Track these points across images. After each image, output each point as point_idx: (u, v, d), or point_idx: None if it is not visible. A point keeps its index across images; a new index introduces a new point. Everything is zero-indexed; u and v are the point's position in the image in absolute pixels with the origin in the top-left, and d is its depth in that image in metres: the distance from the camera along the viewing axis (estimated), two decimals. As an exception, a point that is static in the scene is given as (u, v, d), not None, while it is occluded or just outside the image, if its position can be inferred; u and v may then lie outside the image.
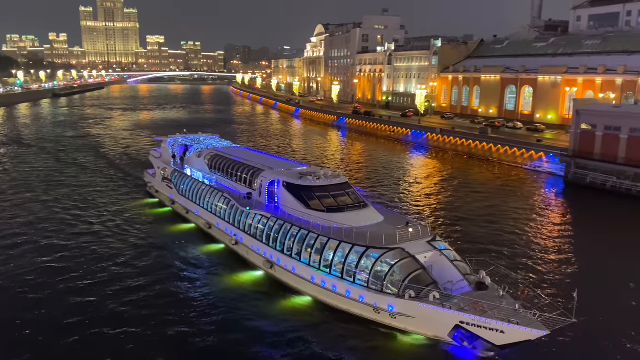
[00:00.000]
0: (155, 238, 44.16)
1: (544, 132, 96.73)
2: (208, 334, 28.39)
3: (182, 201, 48.75)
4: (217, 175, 45.03)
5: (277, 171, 38.78)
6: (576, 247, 43.65)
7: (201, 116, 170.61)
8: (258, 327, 29.14)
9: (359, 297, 28.71)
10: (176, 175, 50.99)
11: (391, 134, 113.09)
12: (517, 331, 23.72)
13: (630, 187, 61.45)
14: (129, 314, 30.48)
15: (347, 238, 30.36)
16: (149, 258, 39.51)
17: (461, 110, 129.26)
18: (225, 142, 55.82)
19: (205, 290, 34.08)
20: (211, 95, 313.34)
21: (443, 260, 29.41)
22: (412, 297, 26.57)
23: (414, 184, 68.08)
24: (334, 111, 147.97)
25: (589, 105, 71.45)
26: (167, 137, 57.75)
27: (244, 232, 38.03)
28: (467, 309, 25.20)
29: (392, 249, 28.87)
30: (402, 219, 34.29)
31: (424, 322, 26.80)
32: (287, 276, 33.55)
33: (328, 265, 30.58)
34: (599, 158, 66.11)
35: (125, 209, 52.91)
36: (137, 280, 35.41)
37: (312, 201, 34.33)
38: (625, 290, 34.45)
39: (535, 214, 53.54)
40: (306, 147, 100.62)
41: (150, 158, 60.36)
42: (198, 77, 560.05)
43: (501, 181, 70.03)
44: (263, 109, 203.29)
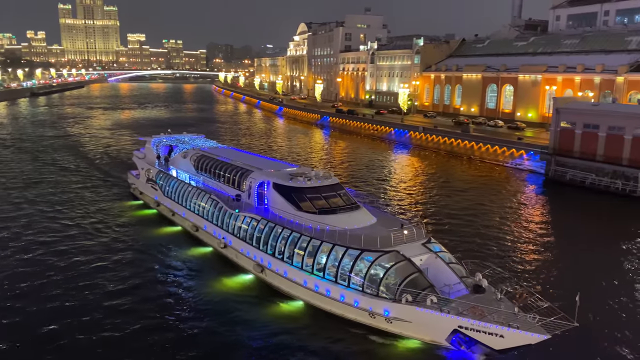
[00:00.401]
0: (139, 241, 43.10)
1: (525, 130, 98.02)
2: (196, 341, 27.67)
3: (168, 203, 47.69)
4: (203, 177, 44.07)
5: (266, 172, 37.88)
6: (562, 244, 44.28)
7: (183, 115, 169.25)
8: (249, 333, 28.44)
9: (354, 301, 28.01)
10: (161, 176, 49.86)
11: (374, 132, 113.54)
12: (517, 335, 23.37)
13: (609, 184, 62.62)
14: (111, 321, 29.52)
15: (340, 241, 29.64)
16: (133, 262, 38.42)
17: (443, 109, 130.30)
18: (211, 142, 54.83)
19: (192, 294, 33.23)
20: (193, 94, 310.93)
21: (438, 263, 28.89)
22: (408, 302, 25.99)
23: (398, 182, 68.46)
24: (318, 110, 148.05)
25: (568, 103, 72.59)
26: (151, 137, 56.51)
27: (233, 235, 37.09)
28: (465, 313, 24.71)
29: (387, 252, 28.23)
30: (395, 221, 33.77)
31: (421, 326, 26.24)
32: (278, 280, 32.75)
33: (321, 268, 29.84)
34: (579, 155, 67.24)
35: (107, 211, 51.62)
36: (120, 285, 34.39)
37: (303, 203, 33.52)
38: (613, 287, 35.10)
39: (518, 212, 54.26)
40: (290, 146, 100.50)
41: (133, 159, 58.97)
42: (180, 76, 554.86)
43: (483, 179, 70.80)
44: (246, 108, 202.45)
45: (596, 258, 40.49)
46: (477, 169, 78.26)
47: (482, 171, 76.35)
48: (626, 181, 61.19)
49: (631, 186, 60.46)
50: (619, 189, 61.35)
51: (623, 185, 61.20)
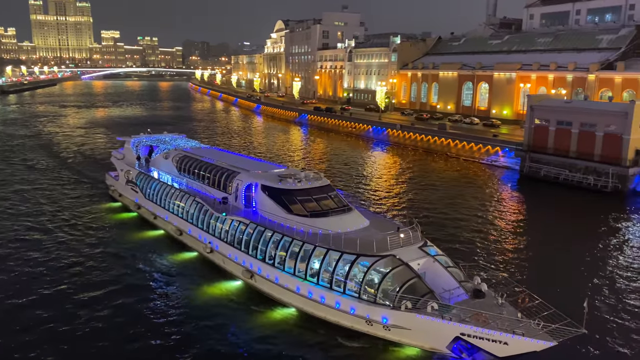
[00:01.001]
0: (120, 245, 41.53)
1: (500, 127, 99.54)
2: (182, 349, 26.55)
3: (149, 206, 46.01)
4: (187, 178, 42.59)
5: (253, 174, 36.48)
6: (542, 242, 44.67)
7: (160, 113, 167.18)
8: (239, 340, 27.50)
9: (350, 308, 26.95)
10: (142, 177, 48.16)
11: (352, 130, 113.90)
12: (522, 342, 22.63)
13: (581, 179, 64.03)
14: (91, 330, 28.30)
15: (334, 245, 28.50)
16: (113, 267, 36.98)
17: (420, 107, 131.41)
18: (194, 142, 53.18)
19: (177, 301, 31.97)
20: (170, 91, 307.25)
21: (436, 267, 28.00)
22: (408, 309, 25.06)
23: (376, 180, 68.85)
24: (296, 107, 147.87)
25: (542, 101, 73.92)
26: (130, 137, 54.74)
27: (219, 239, 35.73)
28: (468, 320, 23.84)
29: (384, 257, 27.25)
30: (388, 223, 32.96)
31: (421, 334, 25.35)
32: (269, 286, 31.49)
33: (315, 274, 28.69)
34: (552, 152, 68.57)
35: (85, 214, 49.77)
36: (98, 292, 32.97)
37: (293, 205, 32.29)
38: (605, 285, 35.89)
39: (495, 209, 55.10)
40: (269, 145, 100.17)
41: (112, 159, 56.96)
42: (156, 74, 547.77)
43: (460, 176, 71.70)
44: (223, 106, 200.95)
45: (578, 255, 41.01)
46: (453, 166, 79.18)
47: (459, 168, 77.29)
48: (598, 177, 62.64)
49: (602, 182, 61.93)
50: (591, 185, 62.80)
51: (595, 180, 62.65)
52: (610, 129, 63.08)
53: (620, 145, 61.84)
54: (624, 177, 60.87)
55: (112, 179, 55.25)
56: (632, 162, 61.17)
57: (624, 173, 60.92)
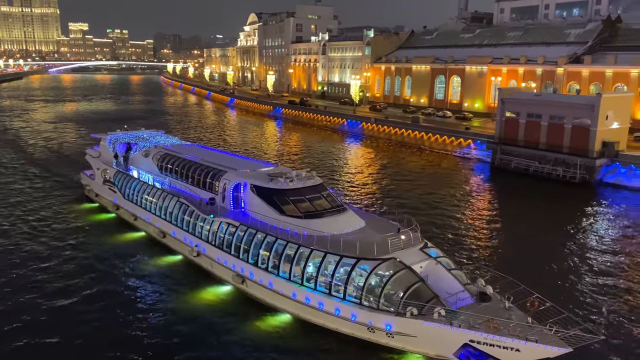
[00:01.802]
0: (98, 248, 39.55)
1: (472, 120, 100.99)
2: (170, 357, 25.35)
3: (129, 207, 43.92)
4: (169, 178, 40.63)
5: (242, 173, 34.72)
6: (523, 235, 44.70)
7: (131, 107, 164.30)
8: (231, 349, 26.13)
9: (351, 315, 25.74)
10: (120, 177, 45.98)
11: (327, 123, 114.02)
12: (535, 349, 21.75)
13: (551, 171, 65.56)
14: (66, 340, 26.57)
15: (332, 248, 27.09)
16: (92, 272, 35.12)
17: (394, 100, 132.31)
18: (174, 139, 50.85)
19: (162, 307, 30.40)
20: (141, 85, 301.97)
21: (439, 270, 26.87)
22: (414, 315, 23.93)
23: (351, 173, 69.17)
24: (270, 101, 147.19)
25: (512, 94, 75.28)
26: (107, 134, 52.20)
27: (207, 242, 33.99)
28: (478, 327, 22.83)
29: (385, 260, 26.06)
30: (385, 223, 31.68)
31: (428, 341, 24.30)
32: (262, 292, 29.97)
33: (312, 279, 27.33)
34: (523, 144, 69.97)
35: (58, 215, 47.39)
36: (76, 299, 31.19)
37: (286, 206, 30.78)
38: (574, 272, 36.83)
39: (469, 202, 56.01)
40: (244, 139, 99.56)
41: (87, 158, 53.90)
42: (126, 67, 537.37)
43: (433, 169, 72.60)
44: (196, 99, 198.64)
45: (556, 248, 41.62)
46: (427, 158, 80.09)
47: (432, 161, 78.23)
48: (566, 168, 64.22)
49: (571, 173, 63.51)
50: (560, 176, 64.35)
51: (564, 172, 64.20)
52: (578, 121, 64.69)
53: (587, 137, 63.48)
54: (592, 168, 62.55)
55: (88, 178, 52.75)
56: (598, 153, 62.89)
57: (591, 164, 62.58)
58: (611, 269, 36.96)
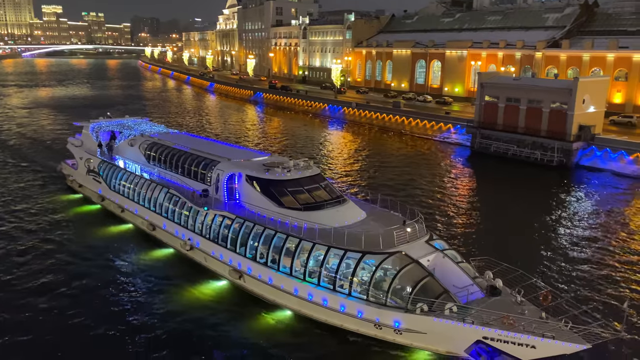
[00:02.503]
0: (84, 241, 37.97)
1: (452, 104, 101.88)
2: (165, 354, 24.39)
3: (116, 198, 42.34)
4: (158, 168, 39.07)
5: (236, 163, 33.36)
6: (509, 220, 45.61)
7: (109, 93, 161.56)
8: (229, 347, 25.24)
9: (357, 312, 24.83)
10: (105, 167, 44.26)
11: (309, 108, 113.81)
12: (552, 346, 21.14)
13: (529, 154, 66.69)
14: (52, 338, 25.41)
15: (336, 242, 26.00)
16: (77, 266, 33.69)
17: (375, 85, 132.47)
18: (160, 127, 48.94)
19: (154, 303, 29.12)
20: (118, 70, 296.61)
21: (447, 263, 26.11)
22: (424, 312, 23.15)
23: (334, 158, 69.41)
24: (251, 86, 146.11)
25: (492, 78, 75.99)
26: (89, 122, 50.11)
27: (201, 235, 32.77)
28: (492, 323, 22.08)
29: (392, 254, 25.15)
30: (387, 214, 30.63)
31: (438, 338, 23.55)
32: (261, 288, 28.82)
33: (315, 274, 26.29)
34: (502, 128, 70.92)
35: (40, 207, 45.54)
36: (60, 294, 29.77)
37: (284, 198, 29.64)
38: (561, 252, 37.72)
39: (451, 186, 56.72)
40: (225, 124, 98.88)
41: (68, 146, 51.63)
42: (103, 51, 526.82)
43: (414, 153, 73.24)
44: (175, 84, 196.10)
45: (543, 232, 43.12)
46: (408, 143, 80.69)
47: (413, 145, 78.86)
48: (544, 152, 65.39)
49: (548, 156, 64.71)
50: (537, 159, 65.52)
51: (541, 155, 65.38)
52: (556, 105, 65.76)
53: (565, 121, 64.61)
54: (569, 151, 63.78)
55: (70, 168, 50.77)
56: (575, 137, 64.13)
57: (568, 148, 63.80)
58: (596, 253, 38.02)
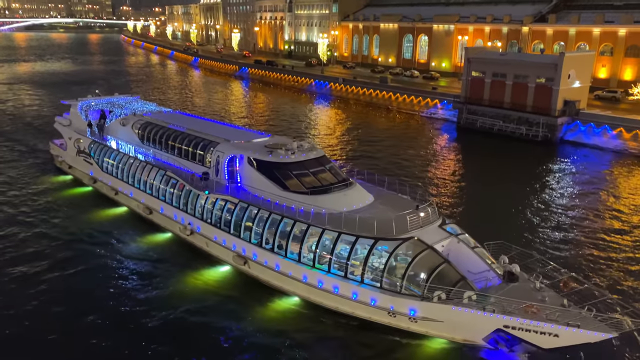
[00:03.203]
0: (76, 225, 36.63)
1: (439, 80, 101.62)
2: (163, 345, 23.50)
3: (109, 180, 40.92)
4: (153, 149, 37.66)
5: (236, 144, 32.16)
6: (501, 195, 46.03)
7: (91, 68, 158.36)
8: (233, 334, 24.53)
9: (370, 299, 24.20)
10: (96, 148, 42.61)
11: (295, 84, 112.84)
12: (576, 335, 20.54)
13: (514, 129, 67.10)
14: (41, 329, 24.31)
15: (347, 228, 25.14)
16: (71, 251, 32.65)
17: (362, 60, 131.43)
18: (152, 105, 47.34)
19: (153, 289, 28.27)
20: (100, 44, 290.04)
21: (462, 248, 25.37)
22: (442, 300, 22.58)
23: (322, 135, 69.23)
24: (236, 61, 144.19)
25: (478, 53, 75.79)
26: (77, 100, 48.51)
27: (202, 220, 31.68)
28: (514, 312, 21.53)
29: (405, 240, 24.41)
30: (395, 197, 29.63)
31: (455, 326, 22.98)
32: (267, 274, 28.07)
33: (325, 261, 25.56)
34: (488, 104, 71.10)
35: (28, 189, 44.03)
36: (52, 281, 28.71)
37: (289, 181, 28.64)
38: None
39: (436, 162, 57.03)
40: (210, 100, 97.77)
41: (56, 126, 49.55)
42: (84, 25, 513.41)
43: (401, 129, 73.31)
44: (159, 59, 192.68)
45: (529, 205, 43.77)
46: (395, 119, 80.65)
47: (400, 121, 78.85)
48: (529, 127, 65.81)
49: (534, 131, 65.18)
50: (523, 134, 65.98)
51: (527, 130, 65.83)
52: (541, 80, 65.95)
53: (550, 96, 64.92)
54: (553, 126, 64.28)
55: (59, 149, 48.87)
56: (560, 112, 64.57)
57: (553, 123, 64.28)
58: (597, 233, 38.69)
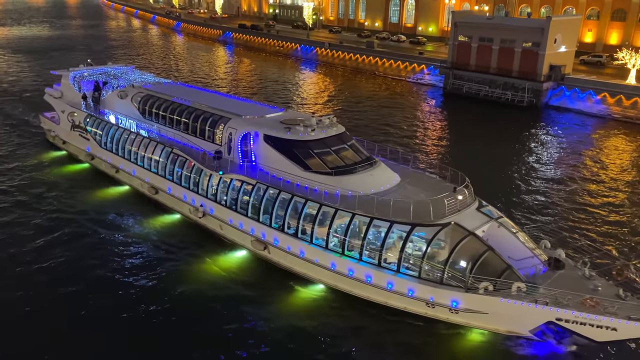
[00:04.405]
0: (75, 205, 34.66)
1: (426, 44, 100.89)
2: (182, 334, 22.59)
3: (108, 157, 38.49)
4: (157, 124, 35.23)
5: (250, 120, 30.03)
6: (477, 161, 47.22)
7: (71, 33, 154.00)
8: (256, 322, 23.35)
9: (408, 290, 22.72)
10: (93, 122, 39.86)
11: (280, 49, 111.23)
12: (637, 329, 19.19)
13: (500, 95, 67.37)
14: (42, 314, 23.45)
15: (380, 213, 23.34)
16: (70, 233, 30.93)
17: (348, 24, 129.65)
18: (149, 76, 44.53)
19: (165, 274, 26.95)
20: (79, 8, 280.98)
21: (503, 233, 23.83)
22: (489, 292, 21.11)
23: (307, 100, 68.86)
24: (219, 25, 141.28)
25: (465, 17, 75.20)
26: (68, 70, 45.38)
27: (215, 201, 29.68)
28: (568, 304, 20.11)
29: (444, 225, 22.71)
30: (422, 176, 28.13)
31: (501, 318, 21.71)
32: (291, 260, 26.48)
33: (356, 248, 23.93)
34: (474, 69, 71.05)
35: (20, 165, 41.78)
36: (52, 267, 27.29)
37: (310, 160, 26.64)
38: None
39: (422, 127, 57.25)
40: (195, 66, 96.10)
41: (46, 98, 46.41)
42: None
43: (388, 95, 73.05)
44: (140, 24, 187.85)
45: (511, 171, 44.36)
46: (381, 85, 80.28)
47: (387, 87, 78.55)
48: (515, 92, 66.13)
49: (519, 97, 65.53)
50: (508, 100, 66.33)
51: (512, 95, 66.16)
52: (528, 45, 65.89)
53: (536, 61, 65.04)
54: (539, 91, 64.67)
55: (50, 122, 46.00)
56: (546, 77, 64.85)
57: (538, 88, 64.63)
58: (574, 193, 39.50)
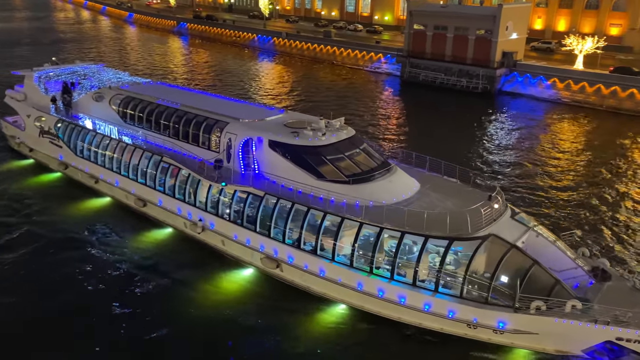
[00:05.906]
0: (50, 220, 31.16)
1: (382, 33, 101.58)
2: None
3: (85, 166, 34.68)
4: (142, 130, 31.81)
5: (251, 124, 27.20)
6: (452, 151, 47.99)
7: (15, 26, 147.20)
8: (276, 348, 21.27)
9: (448, 311, 20.61)
10: (66, 127, 36.09)
11: (237, 39, 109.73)
12: None
13: (455, 82, 68.64)
14: (19, 342, 21.38)
15: (411, 227, 21.06)
16: (46, 252, 27.76)
17: (305, 13, 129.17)
18: (124, 75, 40.45)
19: (159, 295, 24.37)
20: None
21: (542, 243, 22.22)
22: (540, 311, 19.17)
23: (264, 91, 68.28)
24: (173, 16, 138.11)
25: (420, 5, 76.05)
26: (32, 70, 41.17)
27: (216, 215, 26.71)
28: (630, 322, 18.39)
29: (484, 239, 20.63)
30: (441, 181, 25.63)
31: (552, 338, 19.90)
32: (307, 279, 23.91)
33: (387, 267, 21.71)
34: (430, 57, 72.05)
35: None
36: (28, 291, 24.61)
37: (323, 168, 24.13)
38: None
39: (381, 117, 57.74)
40: (149, 58, 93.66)
41: (7, 100, 42.17)
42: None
43: (346, 84, 73.31)
44: (90, 15, 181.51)
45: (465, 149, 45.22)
46: (340, 74, 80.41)
47: (345, 76, 78.74)
48: (470, 79, 67.52)
49: (474, 83, 66.96)
50: (463, 87, 67.68)
51: (467, 82, 67.53)
52: (481, 32, 67.28)
53: (489, 48, 66.53)
54: (492, 78, 66.23)
55: (14, 128, 41.88)
56: (499, 63, 66.44)
57: (492, 74, 66.18)
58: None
